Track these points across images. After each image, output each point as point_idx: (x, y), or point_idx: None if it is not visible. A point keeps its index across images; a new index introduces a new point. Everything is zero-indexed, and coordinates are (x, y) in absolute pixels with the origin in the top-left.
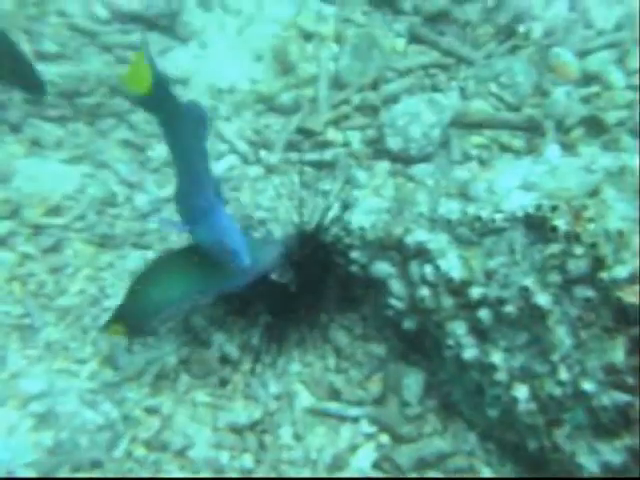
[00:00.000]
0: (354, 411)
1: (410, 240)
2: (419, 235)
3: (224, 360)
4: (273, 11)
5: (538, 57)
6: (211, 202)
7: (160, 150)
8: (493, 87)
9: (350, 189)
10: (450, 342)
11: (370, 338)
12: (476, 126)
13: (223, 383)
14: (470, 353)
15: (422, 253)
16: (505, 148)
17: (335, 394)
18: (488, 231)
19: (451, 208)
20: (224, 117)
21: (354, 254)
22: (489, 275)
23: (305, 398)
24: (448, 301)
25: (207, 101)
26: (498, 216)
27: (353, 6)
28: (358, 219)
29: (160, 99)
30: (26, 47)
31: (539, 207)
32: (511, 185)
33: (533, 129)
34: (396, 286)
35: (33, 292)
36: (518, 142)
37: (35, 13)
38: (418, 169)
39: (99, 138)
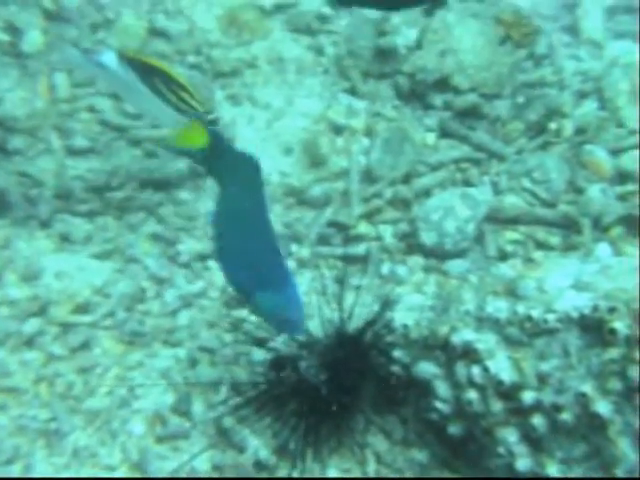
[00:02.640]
0: None
1: (456, 339)
2: (466, 334)
3: (259, 466)
4: (302, 105)
5: (570, 154)
6: (284, 269)
7: (190, 244)
8: (526, 183)
9: (392, 285)
10: (500, 450)
11: (411, 443)
12: (510, 222)
13: None
14: (523, 463)
15: (469, 353)
16: (541, 245)
17: None
18: (540, 332)
19: (499, 307)
20: None
21: (397, 353)
22: (542, 379)
23: None
24: (498, 405)
25: None
26: (550, 316)
27: (383, 101)
28: (401, 316)
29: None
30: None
31: (596, 308)
32: (562, 284)
33: (569, 226)
34: (441, 388)
35: (61, 394)
36: (554, 239)
37: (67, 110)
38: (453, 265)
39: (128, 232)
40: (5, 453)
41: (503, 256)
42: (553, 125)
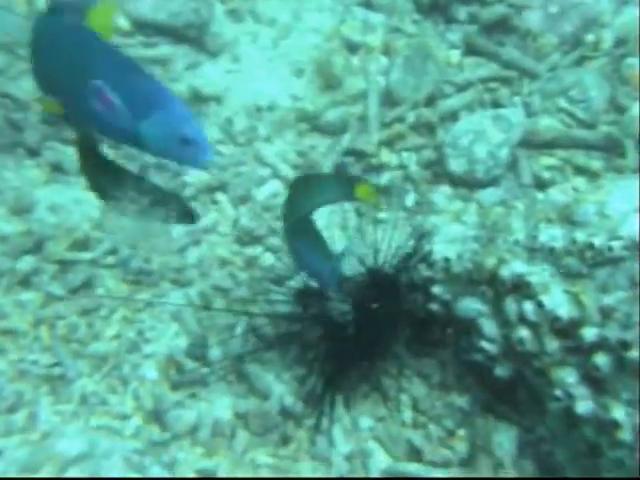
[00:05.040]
0: (440, 473)
1: (505, 272)
2: (516, 266)
3: (285, 414)
4: (312, 20)
5: (610, 69)
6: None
7: (197, 174)
8: (562, 102)
9: (422, 217)
10: (557, 393)
11: (450, 387)
12: (546, 146)
13: (286, 441)
14: (584, 406)
15: (520, 288)
16: (581, 170)
17: (415, 453)
18: (602, 261)
19: (554, 235)
20: (264, 138)
21: (436, 289)
22: (606, 313)
23: (381, 458)
24: (554, 344)
25: (244, 120)
26: (615, 243)
27: (402, 14)
28: (441, 249)
29: None
30: None
31: None
32: (627, 208)
33: (612, 148)
34: (488, 326)
35: (63, 337)
36: (596, 163)
37: None
38: (485, 194)
39: (127, 161)
40: (7, 400)
41: (540, 183)
42: (590, 37)
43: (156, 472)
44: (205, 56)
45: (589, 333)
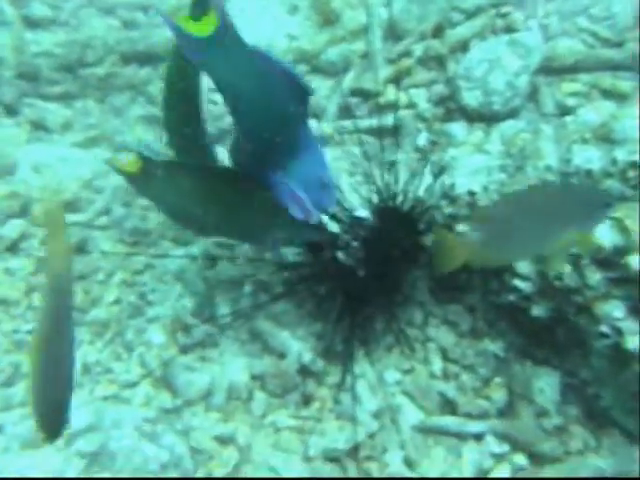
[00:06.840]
0: (477, 426)
1: None
2: None
3: (305, 372)
4: None
5: None
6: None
7: None
8: (583, 22)
9: (443, 147)
10: (603, 329)
11: (481, 334)
12: (569, 70)
13: (307, 400)
14: (635, 342)
15: None
16: (609, 93)
17: (449, 406)
18: None
19: (590, 156)
20: None
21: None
22: None
23: (412, 413)
24: (596, 276)
25: None
26: None
27: None
28: (463, 182)
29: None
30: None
31: None
32: None
33: None
34: (521, 263)
35: None
36: (626, 84)
37: None
38: (505, 127)
39: (113, 116)
40: (3, 373)
41: (564, 112)
42: None
43: (170, 440)
44: None
45: (636, 261)
